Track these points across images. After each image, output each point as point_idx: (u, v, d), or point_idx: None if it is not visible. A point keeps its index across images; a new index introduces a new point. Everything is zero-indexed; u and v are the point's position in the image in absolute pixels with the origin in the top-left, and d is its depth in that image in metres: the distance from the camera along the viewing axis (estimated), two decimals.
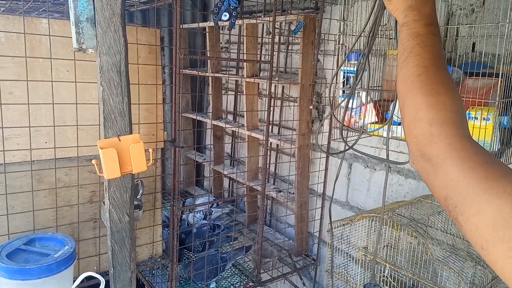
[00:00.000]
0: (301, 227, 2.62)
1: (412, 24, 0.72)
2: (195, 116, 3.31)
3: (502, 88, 1.38)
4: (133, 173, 1.55)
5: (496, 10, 1.41)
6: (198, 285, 2.42)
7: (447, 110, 0.61)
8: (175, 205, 2.04)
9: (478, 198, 0.51)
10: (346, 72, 1.81)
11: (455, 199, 0.54)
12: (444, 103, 0.61)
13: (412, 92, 0.65)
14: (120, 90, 1.49)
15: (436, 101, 0.62)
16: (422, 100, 0.63)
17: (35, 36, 1.73)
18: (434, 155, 0.58)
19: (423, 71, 0.66)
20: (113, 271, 1.64)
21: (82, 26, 1.38)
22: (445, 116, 0.60)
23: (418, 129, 0.62)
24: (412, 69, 0.67)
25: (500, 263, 0.48)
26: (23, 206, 1.82)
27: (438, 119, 0.60)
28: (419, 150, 0.61)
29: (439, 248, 1.57)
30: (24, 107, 1.74)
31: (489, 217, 0.49)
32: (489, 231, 0.49)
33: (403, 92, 0.68)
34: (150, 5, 2.49)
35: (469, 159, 0.55)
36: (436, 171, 0.58)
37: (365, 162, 2.36)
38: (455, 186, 0.54)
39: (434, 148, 0.58)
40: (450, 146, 0.57)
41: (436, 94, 0.62)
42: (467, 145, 0.57)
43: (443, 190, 0.56)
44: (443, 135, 0.58)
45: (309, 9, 2.64)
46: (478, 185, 0.52)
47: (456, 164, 0.55)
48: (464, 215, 0.52)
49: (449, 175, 0.55)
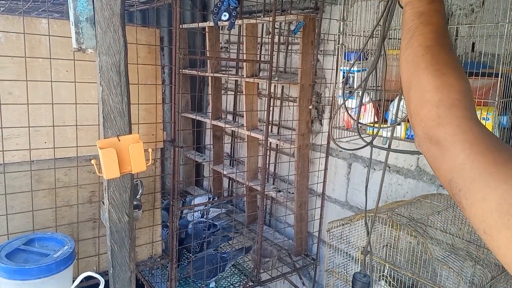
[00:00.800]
0: (301, 226, 2.62)
1: (416, 2, 0.70)
2: (195, 116, 3.31)
3: (502, 88, 1.38)
4: (133, 173, 1.55)
5: (496, 10, 1.41)
6: (197, 285, 2.42)
7: (454, 92, 0.59)
8: (175, 205, 2.03)
9: (484, 183, 0.50)
10: (345, 72, 1.81)
11: (460, 183, 0.53)
12: (451, 84, 0.60)
13: (417, 73, 0.64)
14: (119, 90, 1.49)
15: (442, 82, 0.60)
16: (428, 81, 0.61)
17: (34, 36, 1.73)
18: (442, 137, 0.57)
19: (427, 51, 0.64)
20: (112, 271, 1.64)
21: (82, 26, 1.38)
22: (452, 98, 0.59)
23: (425, 111, 0.60)
24: (416, 49, 0.65)
25: (503, 249, 0.48)
26: (23, 206, 1.82)
27: (446, 101, 0.59)
28: (426, 133, 0.60)
29: (439, 248, 1.57)
30: (24, 107, 1.74)
31: (495, 202, 0.48)
32: (494, 216, 0.48)
33: (408, 73, 0.66)
34: (149, 5, 2.49)
35: (477, 143, 0.53)
36: (443, 154, 0.57)
37: (365, 162, 2.36)
38: (462, 170, 0.53)
39: (441, 130, 0.57)
40: (458, 128, 0.56)
41: (442, 76, 0.61)
42: (475, 128, 0.56)
43: (448, 174, 0.55)
44: (450, 118, 0.57)
45: (309, 9, 2.64)
46: (485, 170, 0.51)
47: (464, 148, 0.54)
48: (469, 199, 0.52)
49: (457, 159, 0.54)
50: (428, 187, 2.01)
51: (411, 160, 2.07)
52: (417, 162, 2.07)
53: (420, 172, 2.06)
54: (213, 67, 3.00)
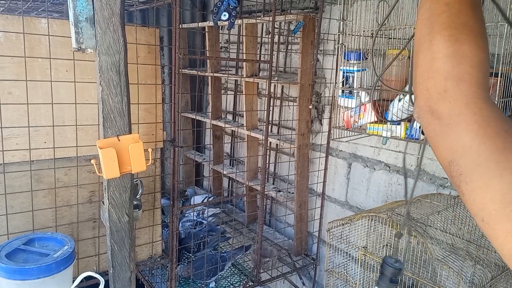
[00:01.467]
0: (301, 226, 2.62)
1: None
2: (195, 116, 3.31)
3: (502, 87, 1.39)
4: (133, 173, 1.55)
5: (496, 10, 1.41)
6: (197, 285, 2.42)
7: (467, 64, 0.53)
8: (175, 205, 2.03)
9: (489, 170, 0.47)
10: (345, 72, 1.81)
11: (462, 166, 0.49)
12: (464, 54, 0.53)
13: (430, 35, 0.56)
14: (119, 90, 1.49)
15: (455, 50, 0.53)
16: (439, 47, 0.54)
17: (34, 36, 1.73)
18: (446, 113, 0.52)
19: (445, 9, 0.56)
20: (112, 271, 1.64)
21: (81, 26, 1.38)
22: (463, 71, 0.52)
23: (431, 82, 0.54)
24: (434, 5, 0.57)
25: (501, 240, 0.46)
26: (22, 206, 1.82)
27: (455, 74, 0.52)
28: (429, 105, 0.54)
29: (439, 248, 1.57)
30: (23, 107, 1.74)
31: (498, 192, 0.46)
32: (495, 206, 0.46)
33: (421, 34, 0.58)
34: (149, 5, 2.49)
35: (486, 126, 0.49)
36: (445, 132, 0.52)
37: (365, 161, 2.36)
38: (465, 153, 0.49)
39: (446, 106, 0.52)
40: (467, 107, 0.51)
41: (455, 42, 0.53)
42: (486, 108, 0.50)
43: (449, 154, 0.51)
44: (458, 94, 0.52)
45: (309, 9, 2.64)
46: (492, 156, 0.47)
47: (471, 129, 0.49)
48: (469, 184, 0.49)
49: (461, 140, 0.50)
50: (428, 187, 2.01)
51: (411, 160, 2.08)
52: (417, 162, 2.07)
53: (420, 172, 2.06)
54: (213, 67, 3.00)
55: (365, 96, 1.76)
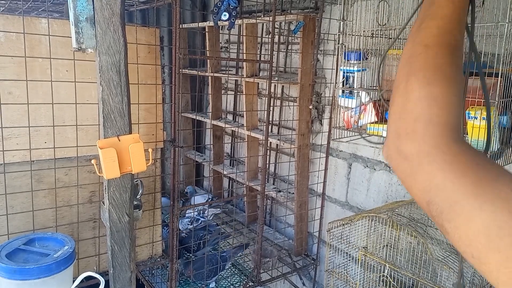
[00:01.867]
0: (301, 227, 2.62)
1: None
2: (195, 116, 3.31)
3: (502, 87, 1.38)
4: (133, 173, 1.55)
5: (496, 10, 1.41)
6: (197, 285, 2.42)
7: (436, 106, 0.53)
8: (175, 205, 2.04)
9: (468, 205, 0.46)
10: (345, 72, 1.81)
11: (441, 205, 0.49)
12: (435, 97, 0.54)
13: (407, 76, 0.57)
14: (119, 90, 1.49)
15: (426, 93, 0.54)
16: (413, 89, 0.55)
17: (34, 36, 1.73)
18: (415, 154, 0.52)
19: (423, 51, 0.57)
20: (112, 271, 1.64)
21: (82, 26, 1.38)
22: (433, 113, 0.53)
23: (402, 122, 0.55)
24: (416, 47, 0.58)
25: (495, 273, 0.44)
26: (23, 206, 1.82)
27: (425, 116, 0.53)
28: (397, 146, 0.55)
29: (439, 248, 1.57)
30: (24, 107, 1.74)
31: (481, 225, 0.45)
32: (482, 240, 0.45)
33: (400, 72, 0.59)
34: (149, 5, 2.49)
35: (457, 162, 0.49)
36: (415, 172, 0.52)
37: (365, 162, 2.36)
38: (441, 192, 0.49)
39: (414, 146, 0.52)
40: (435, 147, 0.51)
41: (427, 85, 0.54)
42: (455, 146, 0.51)
43: (425, 194, 0.51)
44: (427, 135, 0.52)
45: (309, 9, 2.64)
46: (468, 191, 0.47)
47: (441, 168, 0.49)
48: (452, 222, 0.48)
49: (434, 180, 0.49)
50: None
51: None
52: None
53: None
54: (213, 67, 3.00)
55: (365, 96, 1.76)
